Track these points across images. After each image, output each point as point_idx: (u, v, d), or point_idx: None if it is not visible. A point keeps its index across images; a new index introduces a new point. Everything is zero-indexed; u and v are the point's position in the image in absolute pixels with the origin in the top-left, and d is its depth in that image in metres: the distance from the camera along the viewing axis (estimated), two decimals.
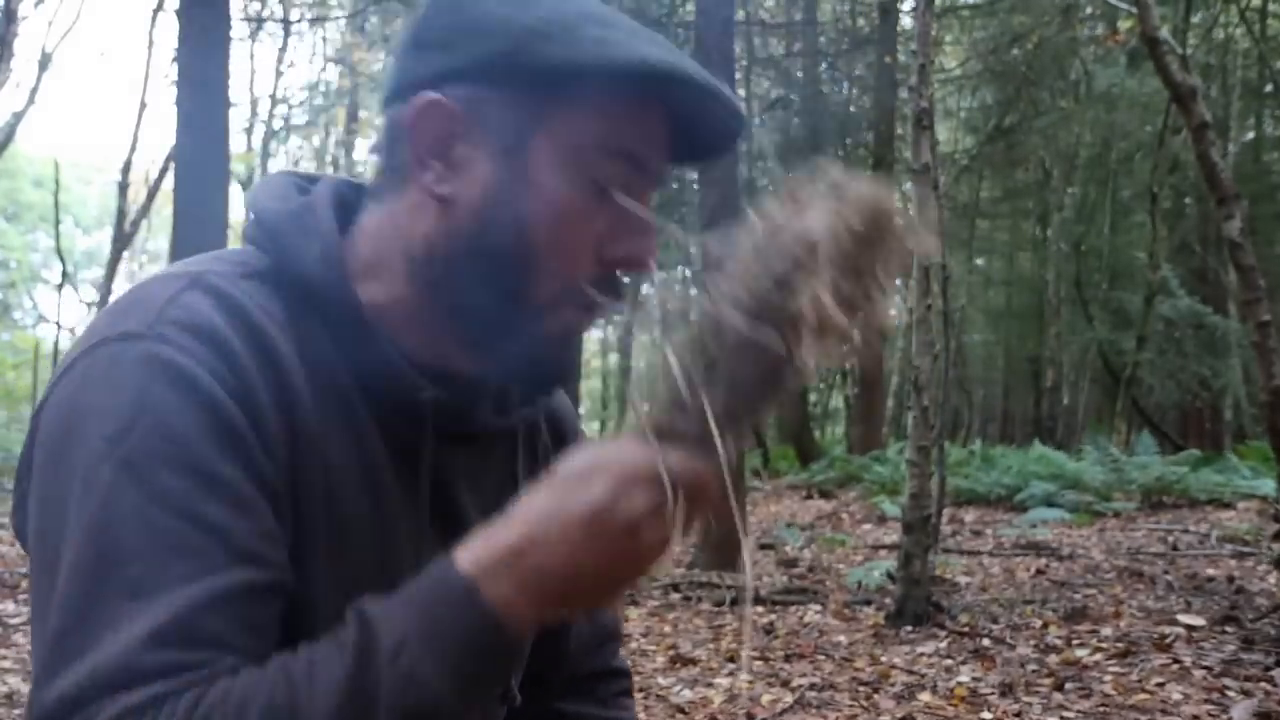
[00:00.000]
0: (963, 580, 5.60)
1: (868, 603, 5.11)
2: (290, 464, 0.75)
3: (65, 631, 0.66)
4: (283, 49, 18.92)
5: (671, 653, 4.27)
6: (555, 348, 0.82)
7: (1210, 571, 5.66)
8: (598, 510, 0.65)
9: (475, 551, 0.68)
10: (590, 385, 26.93)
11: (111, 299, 0.80)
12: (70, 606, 0.66)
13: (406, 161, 0.80)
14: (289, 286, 0.79)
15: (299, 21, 17.18)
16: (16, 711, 3.50)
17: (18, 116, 14.58)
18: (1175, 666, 3.70)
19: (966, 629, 4.42)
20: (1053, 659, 3.90)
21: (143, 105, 22.05)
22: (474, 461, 0.90)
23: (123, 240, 14.70)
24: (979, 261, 22.08)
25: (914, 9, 5.10)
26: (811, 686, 3.70)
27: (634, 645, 4.43)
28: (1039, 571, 5.87)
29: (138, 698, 0.64)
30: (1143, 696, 3.37)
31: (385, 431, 0.81)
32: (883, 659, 4.03)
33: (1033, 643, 4.17)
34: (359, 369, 0.80)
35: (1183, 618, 4.40)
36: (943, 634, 4.37)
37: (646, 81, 0.76)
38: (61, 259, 19.49)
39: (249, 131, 19.19)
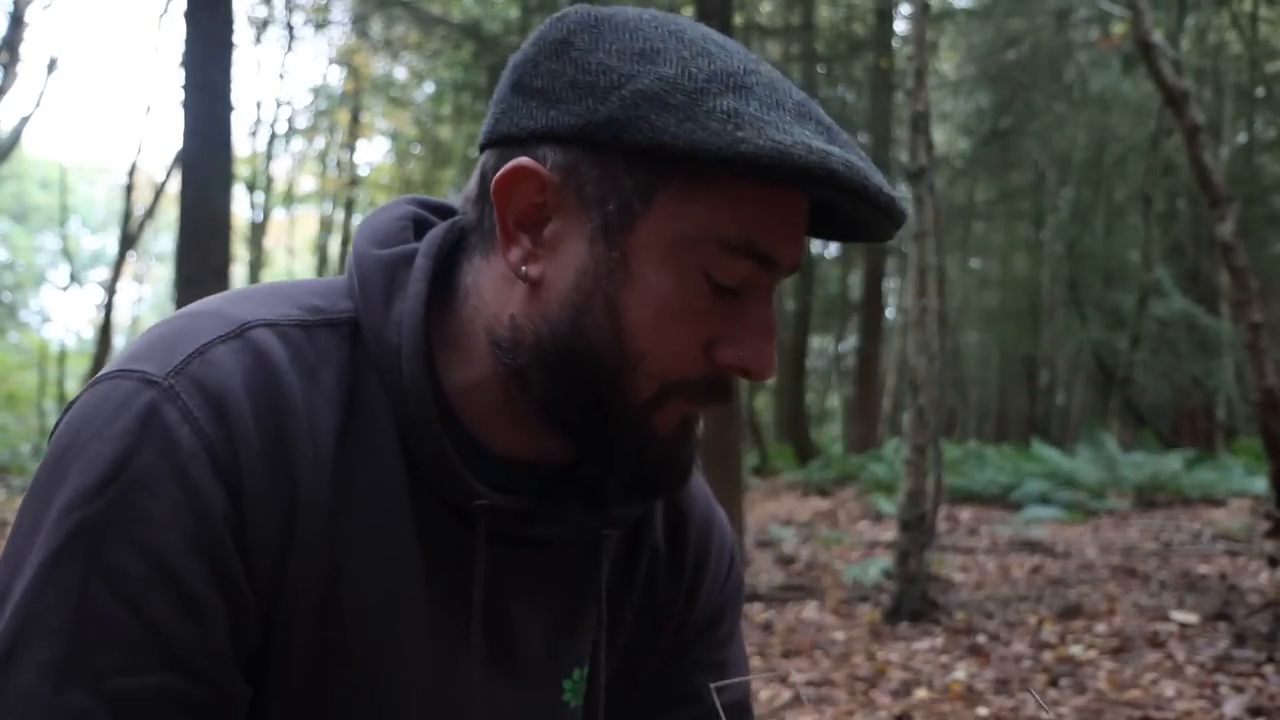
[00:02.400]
0: (958, 577, 5.63)
1: (864, 599, 5.13)
2: (279, 570, 0.66)
3: None
4: (287, 52, 18.93)
5: None
6: (663, 447, 0.70)
7: (1203, 569, 5.68)
8: None
9: None
10: None
11: (173, 314, 0.72)
12: None
13: (494, 225, 0.70)
14: (365, 345, 0.70)
15: (303, 25, 17.19)
16: None
17: (24, 120, 14.65)
18: (1168, 663, 3.73)
19: (962, 626, 4.45)
20: (1047, 655, 3.93)
21: (147, 108, 22.17)
22: (539, 565, 0.76)
23: (129, 241, 14.74)
24: (974, 263, 22.16)
25: (910, 13, 5.16)
26: (809, 683, 3.73)
27: None
28: (1034, 569, 5.90)
29: None
30: (1136, 693, 3.40)
31: (428, 531, 0.70)
32: (879, 655, 4.06)
33: (1027, 639, 4.20)
34: (411, 458, 0.69)
35: (1176, 615, 4.43)
36: (939, 631, 4.40)
37: (781, 174, 0.62)
38: (70, 260, 19.48)
39: (254, 134, 19.20)
